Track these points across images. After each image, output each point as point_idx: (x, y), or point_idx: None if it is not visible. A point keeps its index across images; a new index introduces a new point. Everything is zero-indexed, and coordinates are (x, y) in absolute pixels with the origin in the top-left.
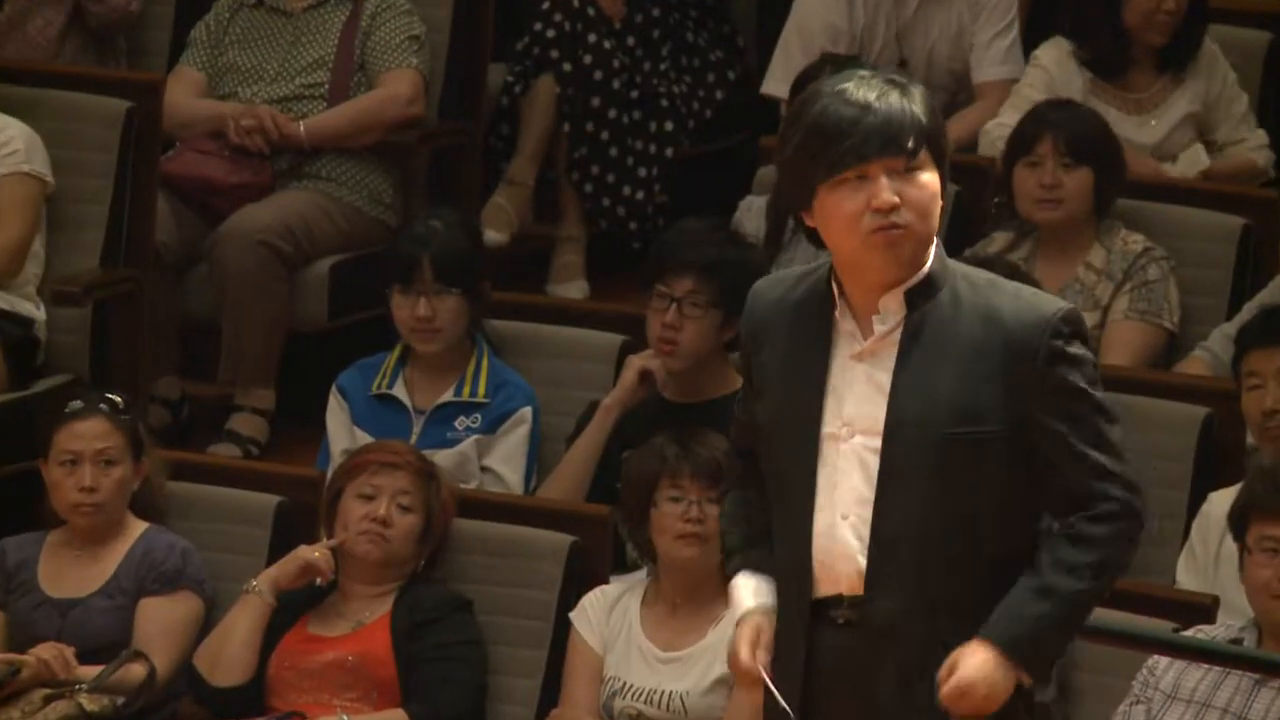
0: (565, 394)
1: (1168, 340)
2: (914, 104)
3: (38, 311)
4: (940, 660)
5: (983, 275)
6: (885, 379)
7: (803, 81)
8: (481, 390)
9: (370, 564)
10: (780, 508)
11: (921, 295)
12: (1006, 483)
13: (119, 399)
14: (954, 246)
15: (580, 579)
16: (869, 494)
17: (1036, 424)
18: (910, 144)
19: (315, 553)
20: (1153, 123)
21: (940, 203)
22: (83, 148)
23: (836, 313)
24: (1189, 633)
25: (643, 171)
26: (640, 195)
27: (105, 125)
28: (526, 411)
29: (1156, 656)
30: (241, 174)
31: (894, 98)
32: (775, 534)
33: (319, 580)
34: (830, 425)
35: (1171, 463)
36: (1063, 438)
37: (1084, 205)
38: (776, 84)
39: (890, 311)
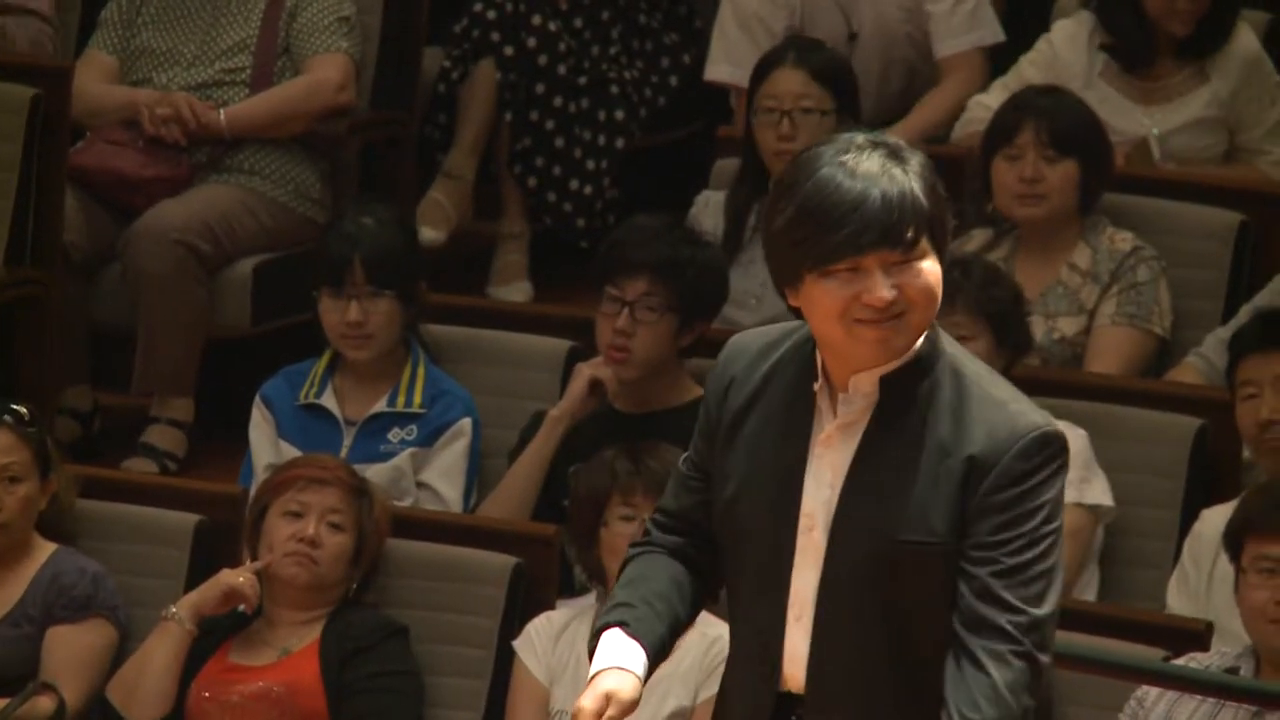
0: (508, 404)
1: (1158, 346)
2: (915, 182)
3: None
4: None
5: (974, 371)
6: (844, 470)
7: (762, 69)
8: (417, 400)
9: (297, 588)
10: (745, 590)
11: (900, 382)
12: (950, 601)
13: (24, 410)
14: None
15: (524, 604)
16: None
17: (969, 535)
18: (910, 234)
19: (240, 577)
20: (1146, 117)
21: (940, 289)
22: None
23: (815, 387)
24: (1181, 661)
25: (591, 164)
26: (588, 190)
27: (8, 114)
28: (466, 423)
29: (1146, 687)
30: (157, 167)
31: (895, 175)
32: (737, 613)
33: (243, 607)
34: (801, 511)
35: (1162, 478)
36: (987, 559)
37: (1068, 201)
38: (716, 67)
39: (860, 394)
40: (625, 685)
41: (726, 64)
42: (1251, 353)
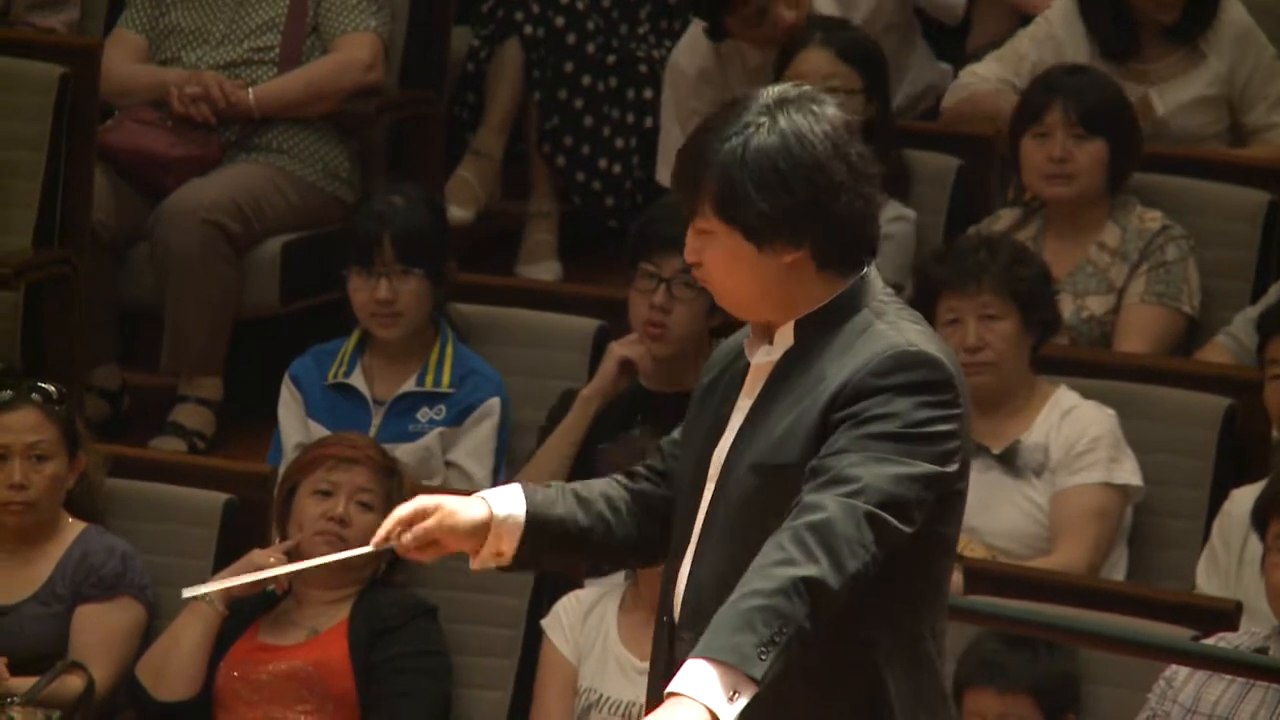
0: (536, 383)
1: (1187, 326)
2: (734, 153)
3: None
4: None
5: (879, 320)
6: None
7: (789, 50)
8: (446, 379)
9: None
10: (671, 545)
11: (811, 330)
12: None
13: (53, 389)
14: (957, 225)
15: (553, 584)
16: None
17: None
18: (688, 200)
19: (270, 558)
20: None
21: (739, 267)
22: (13, 117)
23: (745, 341)
24: (1210, 641)
25: (620, 143)
26: (617, 169)
27: (37, 93)
28: (494, 402)
29: (1175, 667)
30: (186, 146)
31: (723, 135)
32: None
33: (273, 587)
34: (713, 465)
35: (1191, 458)
36: (828, 453)
37: (1097, 180)
38: (662, 171)
39: (780, 345)
40: (461, 502)
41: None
42: (1278, 332)
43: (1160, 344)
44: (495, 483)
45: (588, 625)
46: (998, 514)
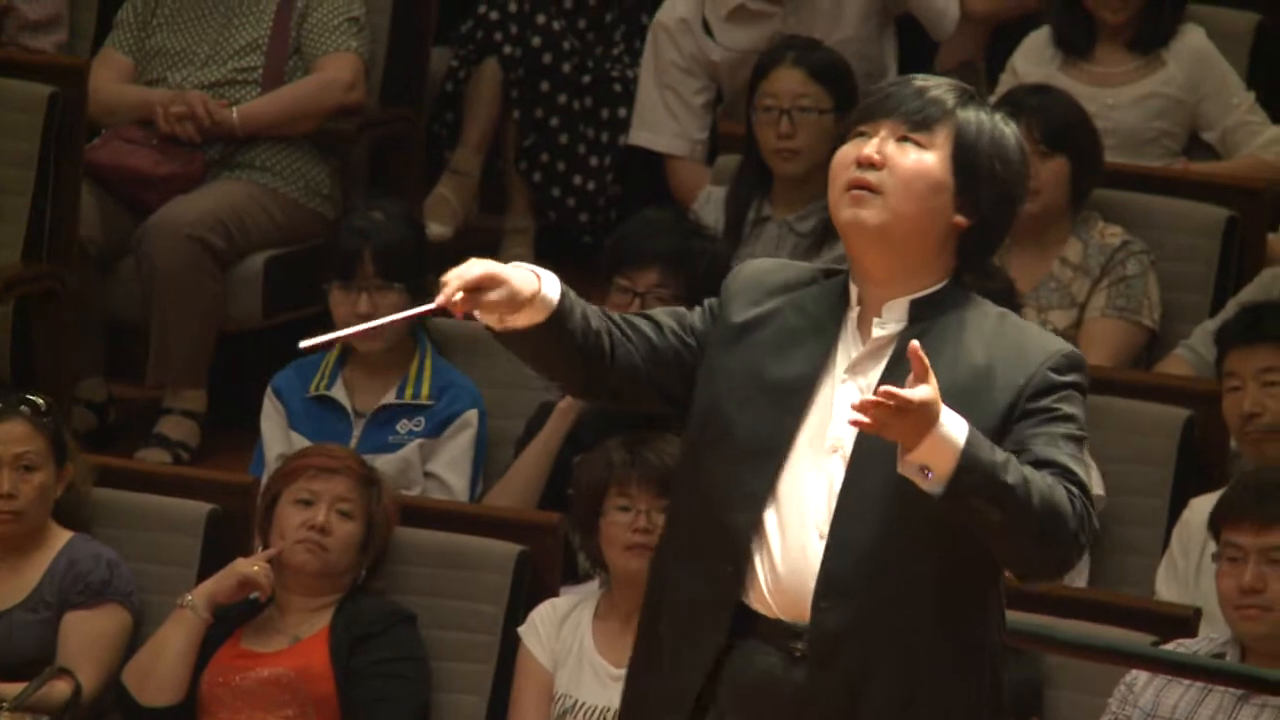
0: (513, 395)
1: (1147, 339)
2: (949, 100)
3: None
4: (880, 686)
5: (996, 309)
6: (869, 389)
7: (761, 68)
8: (425, 392)
9: (308, 575)
10: (711, 487)
11: (928, 309)
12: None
13: (41, 401)
14: None
15: (529, 591)
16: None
17: (1008, 437)
18: (919, 115)
19: (253, 567)
20: (1109, 101)
21: (934, 193)
22: (3, 135)
23: (853, 314)
24: (1169, 646)
25: (594, 160)
26: (592, 185)
27: (26, 112)
28: (472, 414)
29: (1135, 672)
30: (171, 164)
31: (939, 88)
32: (692, 505)
33: (256, 595)
34: (807, 435)
35: (1151, 467)
36: (1029, 449)
37: (1059, 196)
38: (636, 133)
39: (891, 320)
40: (522, 279)
41: (644, 130)
42: (1235, 346)
43: (1121, 357)
44: (472, 494)
45: (563, 632)
46: None
